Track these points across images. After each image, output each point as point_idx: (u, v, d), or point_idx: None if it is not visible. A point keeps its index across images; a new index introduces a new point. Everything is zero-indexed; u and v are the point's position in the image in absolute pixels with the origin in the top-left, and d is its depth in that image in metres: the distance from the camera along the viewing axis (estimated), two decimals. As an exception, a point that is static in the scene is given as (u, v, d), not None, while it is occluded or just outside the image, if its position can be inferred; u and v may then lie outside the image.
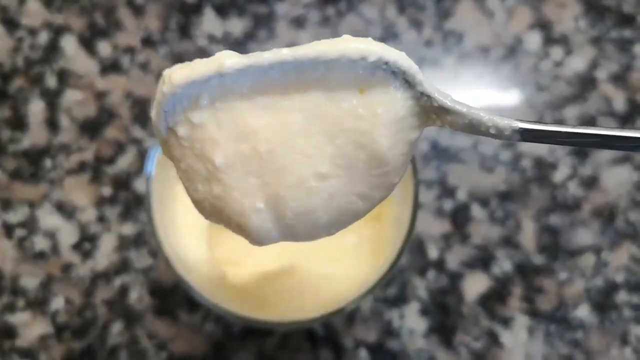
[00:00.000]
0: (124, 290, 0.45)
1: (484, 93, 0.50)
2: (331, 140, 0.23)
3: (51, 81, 0.49)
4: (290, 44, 0.48)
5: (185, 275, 0.29)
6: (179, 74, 0.22)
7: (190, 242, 0.34)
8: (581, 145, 0.26)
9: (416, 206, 0.31)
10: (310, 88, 0.23)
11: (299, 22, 0.50)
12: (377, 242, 0.34)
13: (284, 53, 0.22)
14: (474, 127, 0.23)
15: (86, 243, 0.46)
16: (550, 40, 0.50)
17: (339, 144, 0.23)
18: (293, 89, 0.23)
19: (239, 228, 0.24)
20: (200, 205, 0.24)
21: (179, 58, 0.49)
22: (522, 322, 0.45)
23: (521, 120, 0.23)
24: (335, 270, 0.34)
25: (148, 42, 0.50)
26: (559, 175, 0.47)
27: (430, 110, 0.23)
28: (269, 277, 0.34)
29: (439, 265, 0.46)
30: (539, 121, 0.24)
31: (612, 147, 0.23)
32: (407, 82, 0.23)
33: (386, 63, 0.23)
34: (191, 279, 0.29)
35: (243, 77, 0.22)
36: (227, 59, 0.22)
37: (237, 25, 0.50)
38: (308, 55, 0.22)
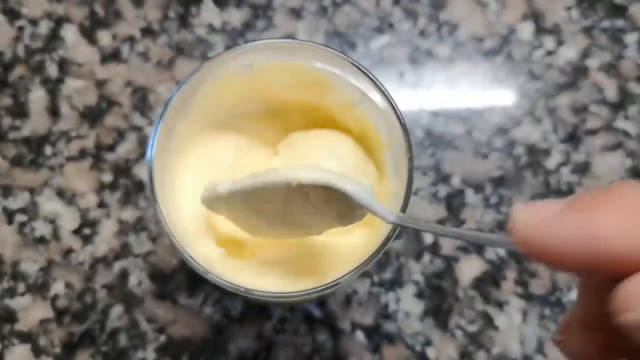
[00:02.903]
0: (123, 275, 0.46)
1: (478, 82, 0.50)
2: None
3: (52, 70, 0.50)
4: (288, 34, 0.49)
5: (187, 249, 0.30)
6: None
7: (192, 223, 0.35)
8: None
9: (410, 181, 0.31)
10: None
11: (296, 13, 0.51)
12: (372, 220, 0.35)
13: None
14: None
15: (86, 228, 0.46)
16: (542, 30, 0.51)
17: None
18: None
19: None
20: None
21: (178, 47, 0.50)
22: (516, 305, 0.46)
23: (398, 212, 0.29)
24: (330, 247, 0.34)
25: (147, 31, 0.50)
26: (552, 162, 0.48)
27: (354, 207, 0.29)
28: (269, 254, 0.34)
29: (434, 249, 0.46)
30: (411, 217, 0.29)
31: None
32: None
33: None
34: (193, 254, 0.30)
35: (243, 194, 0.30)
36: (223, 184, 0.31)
37: (235, 15, 0.51)
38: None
